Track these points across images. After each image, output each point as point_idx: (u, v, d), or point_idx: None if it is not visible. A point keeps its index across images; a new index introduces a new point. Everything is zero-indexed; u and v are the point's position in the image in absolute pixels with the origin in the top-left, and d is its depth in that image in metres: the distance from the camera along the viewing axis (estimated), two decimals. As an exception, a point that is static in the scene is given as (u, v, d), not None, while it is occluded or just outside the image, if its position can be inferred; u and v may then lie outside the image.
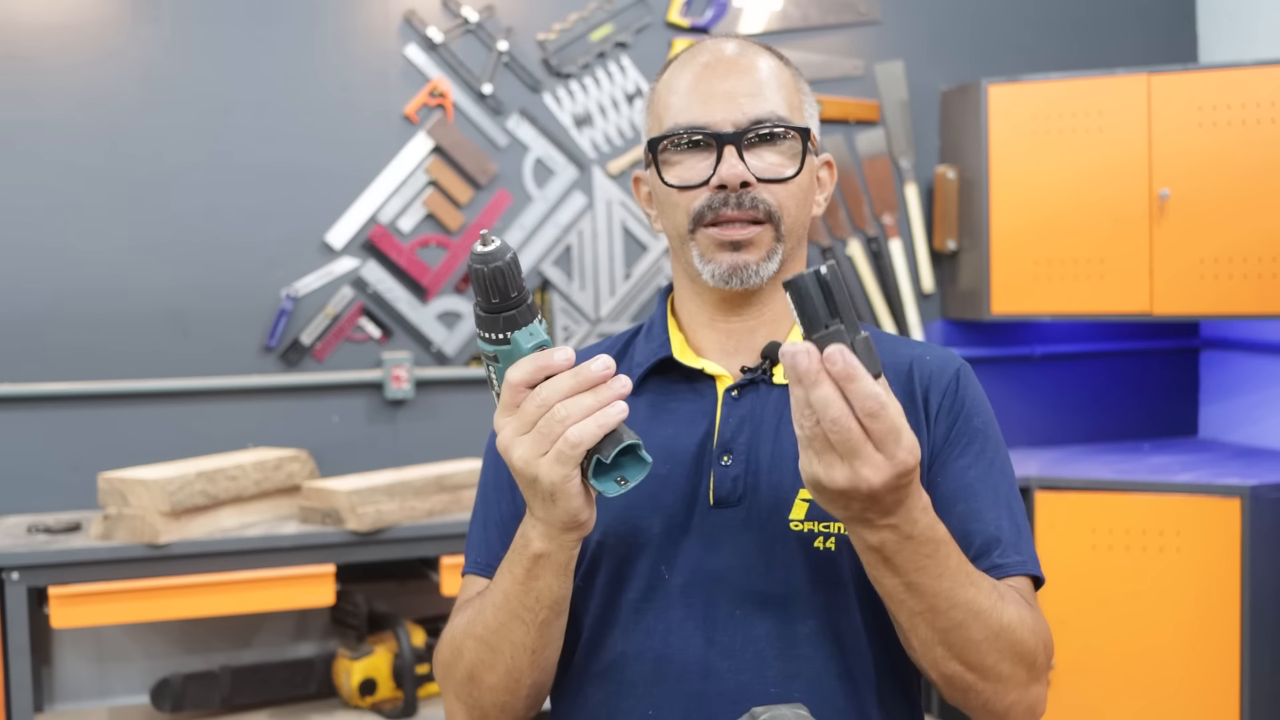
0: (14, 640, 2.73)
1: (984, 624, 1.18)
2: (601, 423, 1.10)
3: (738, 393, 1.33)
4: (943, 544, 1.15)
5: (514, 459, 1.13)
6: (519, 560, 1.20)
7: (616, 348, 1.44)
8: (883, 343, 1.39)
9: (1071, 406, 3.94)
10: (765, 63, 1.35)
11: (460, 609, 1.34)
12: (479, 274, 1.11)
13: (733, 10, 3.64)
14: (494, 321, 1.13)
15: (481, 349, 1.16)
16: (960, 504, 1.29)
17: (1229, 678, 3.14)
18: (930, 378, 1.35)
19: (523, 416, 1.12)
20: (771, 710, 1.11)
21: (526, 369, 1.12)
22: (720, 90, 1.31)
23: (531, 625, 1.22)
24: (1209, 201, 3.39)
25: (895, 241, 3.79)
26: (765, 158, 1.31)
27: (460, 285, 3.45)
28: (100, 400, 3.20)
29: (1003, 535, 1.29)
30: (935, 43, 3.82)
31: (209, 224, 3.27)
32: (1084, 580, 3.28)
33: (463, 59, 3.43)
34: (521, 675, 1.25)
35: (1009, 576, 1.28)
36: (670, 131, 1.32)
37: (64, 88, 3.17)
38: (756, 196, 1.30)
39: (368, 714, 3.04)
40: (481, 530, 1.38)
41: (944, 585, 1.16)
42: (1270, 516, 3.13)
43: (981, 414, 1.35)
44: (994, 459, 1.33)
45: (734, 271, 1.31)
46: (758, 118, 1.31)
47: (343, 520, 2.92)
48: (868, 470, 1.05)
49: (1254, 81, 3.34)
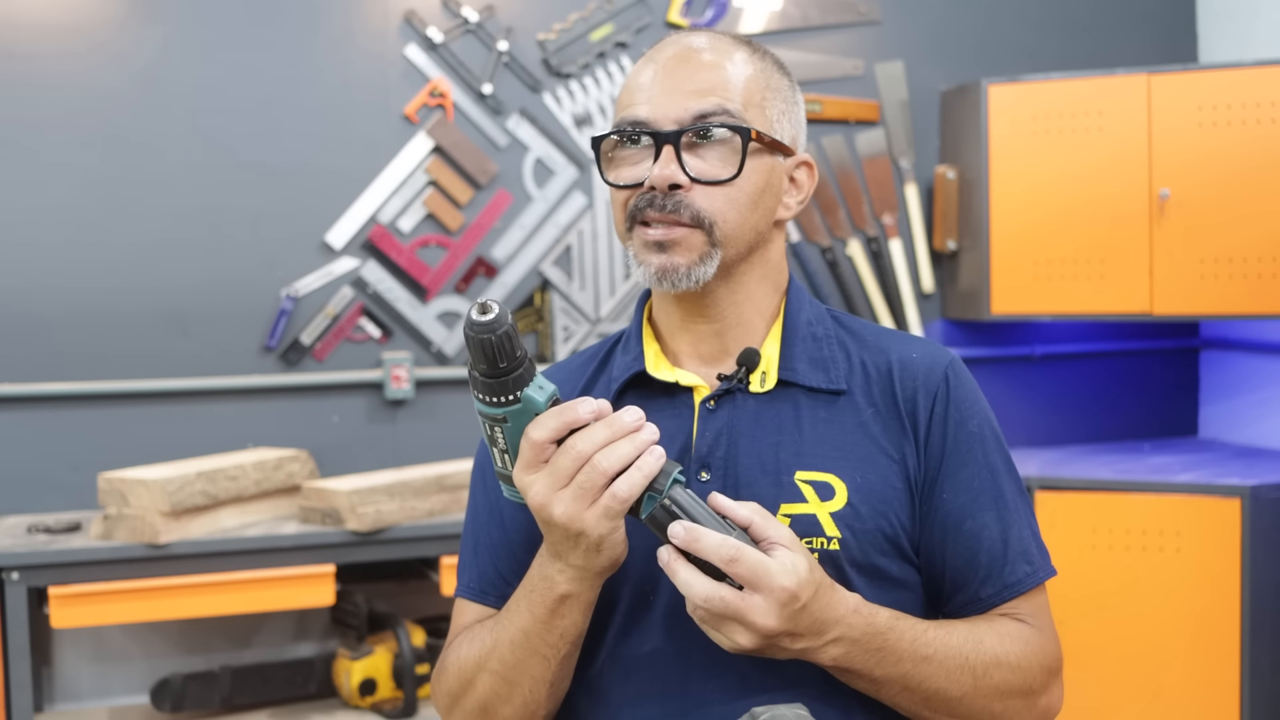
0: (14, 640, 2.73)
1: (960, 680, 1.21)
2: (645, 472, 1.12)
3: (714, 403, 1.30)
4: (888, 632, 1.19)
5: (555, 515, 1.12)
6: (541, 601, 1.20)
7: (596, 360, 1.41)
8: (866, 339, 1.36)
9: (1071, 406, 3.94)
10: (732, 58, 1.29)
11: (462, 638, 1.32)
12: (485, 343, 1.08)
13: (733, 10, 3.64)
14: (502, 385, 1.11)
15: (483, 413, 1.14)
16: (967, 521, 1.28)
17: (1229, 678, 3.14)
18: (916, 384, 1.30)
19: (557, 472, 1.12)
20: (771, 710, 1.11)
21: (551, 426, 1.12)
22: (674, 85, 1.27)
23: (553, 660, 1.23)
24: (1209, 201, 3.39)
25: (895, 241, 3.79)
26: (706, 157, 1.26)
27: (460, 285, 3.45)
28: (100, 400, 3.20)
29: (1009, 548, 1.29)
30: (935, 43, 3.82)
31: (209, 224, 3.27)
32: (1084, 580, 3.28)
33: (463, 59, 3.43)
34: (538, 708, 1.26)
35: (1020, 595, 1.28)
36: (615, 127, 1.29)
37: (64, 87, 3.17)
38: (682, 200, 1.25)
39: (368, 714, 3.04)
40: (472, 554, 1.37)
41: (905, 667, 1.19)
42: (1270, 516, 3.13)
43: (976, 415, 1.32)
44: (993, 461, 1.31)
45: (663, 273, 1.26)
46: (702, 112, 1.25)
47: (343, 520, 2.92)
48: (757, 617, 1.11)
49: (1254, 81, 3.34)
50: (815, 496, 1.26)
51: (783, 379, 1.31)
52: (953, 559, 1.28)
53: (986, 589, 1.28)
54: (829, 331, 1.35)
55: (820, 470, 1.26)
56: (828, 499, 1.25)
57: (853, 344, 1.35)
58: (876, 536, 1.26)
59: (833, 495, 1.26)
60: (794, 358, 1.31)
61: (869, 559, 1.25)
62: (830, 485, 1.26)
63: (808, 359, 1.32)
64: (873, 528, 1.25)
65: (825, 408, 1.29)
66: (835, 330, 1.36)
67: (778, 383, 1.31)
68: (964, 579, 1.29)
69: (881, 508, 1.26)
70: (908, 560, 1.29)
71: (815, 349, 1.33)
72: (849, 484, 1.26)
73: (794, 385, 1.31)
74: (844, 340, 1.35)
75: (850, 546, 1.25)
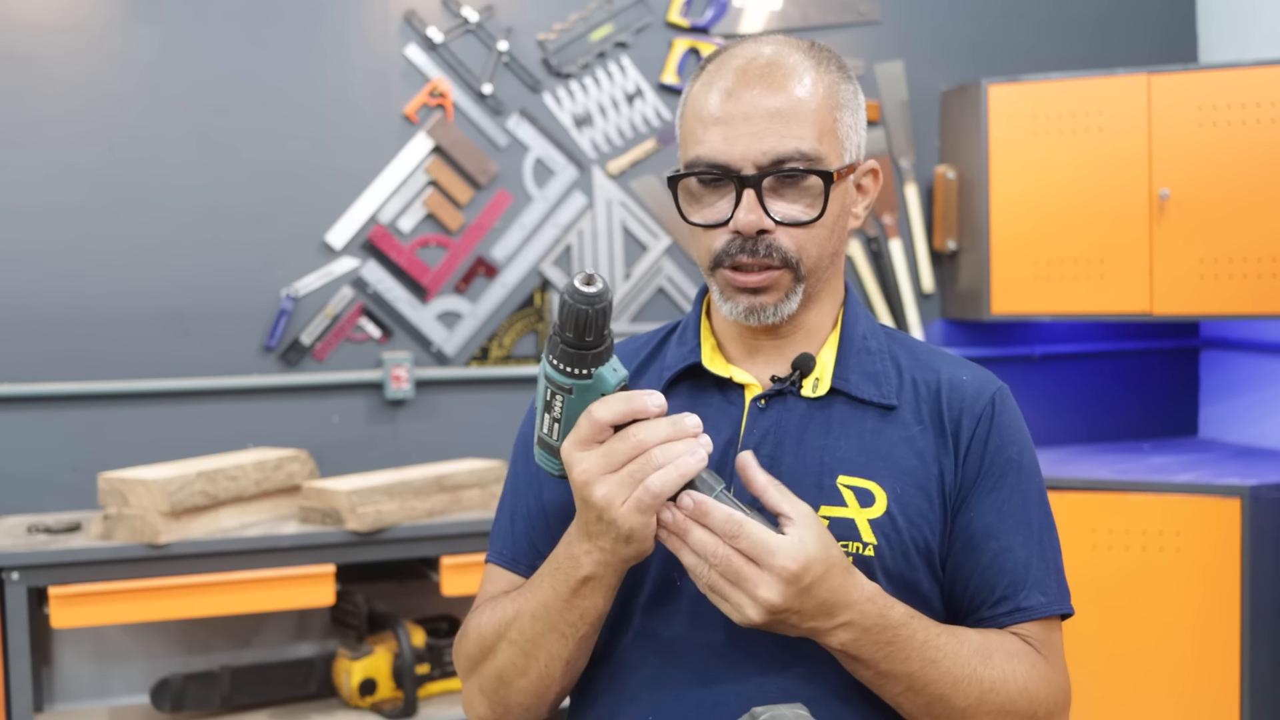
0: (14, 640, 2.74)
1: (965, 692, 1.22)
2: (683, 472, 1.13)
3: (765, 403, 1.32)
4: (900, 628, 1.20)
5: (595, 496, 1.14)
6: (564, 580, 1.21)
7: (650, 347, 1.42)
8: (918, 356, 1.37)
9: (1071, 406, 3.94)
10: (801, 79, 1.28)
11: (487, 604, 1.34)
12: (581, 314, 1.10)
13: (733, 10, 3.64)
14: (581, 358, 1.13)
15: (551, 378, 1.15)
16: (992, 541, 1.30)
17: (1229, 678, 3.14)
18: (963, 405, 1.33)
19: (610, 456, 1.14)
20: (771, 710, 1.11)
21: (618, 409, 1.14)
22: (744, 113, 1.26)
23: (571, 639, 1.24)
24: (1209, 201, 3.39)
25: (895, 241, 3.79)
26: (788, 197, 1.28)
27: (460, 285, 3.45)
28: (100, 400, 3.20)
29: (1030, 575, 1.30)
30: (935, 43, 3.82)
31: (209, 224, 3.27)
32: (1084, 580, 3.28)
33: (463, 59, 3.43)
34: (553, 683, 1.27)
35: (1029, 621, 1.29)
36: (691, 165, 1.29)
37: (64, 88, 3.17)
38: (773, 244, 1.27)
39: (368, 714, 3.04)
40: (509, 522, 1.39)
41: (912, 666, 1.20)
42: (1270, 516, 3.13)
43: (1017, 442, 1.34)
44: (1027, 489, 1.33)
45: (751, 311, 1.29)
46: (780, 156, 1.25)
47: (343, 520, 2.92)
48: (762, 590, 1.13)
49: (1254, 81, 3.34)
50: (855, 502, 1.27)
51: (835, 387, 1.32)
52: (973, 577, 1.30)
53: (1000, 609, 1.29)
54: (882, 346, 1.37)
55: (863, 477, 1.28)
56: (868, 505, 1.27)
57: (905, 360, 1.37)
58: (910, 549, 1.27)
59: (873, 502, 1.27)
60: (848, 368, 1.33)
61: (901, 570, 1.27)
62: (871, 492, 1.28)
63: (862, 371, 1.34)
64: (908, 539, 1.27)
65: (874, 419, 1.31)
66: (889, 345, 1.38)
67: (830, 390, 1.33)
68: (982, 598, 1.30)
69: (918, 521, 1.28)
70: (935, 577, 1.30)
71: (870, 362, 1.35)
72: (890, 494, 1.28)
73: (845, 395, 1.32)
74: (896, 355, 1.37)
75: (885, 555, 1.26)
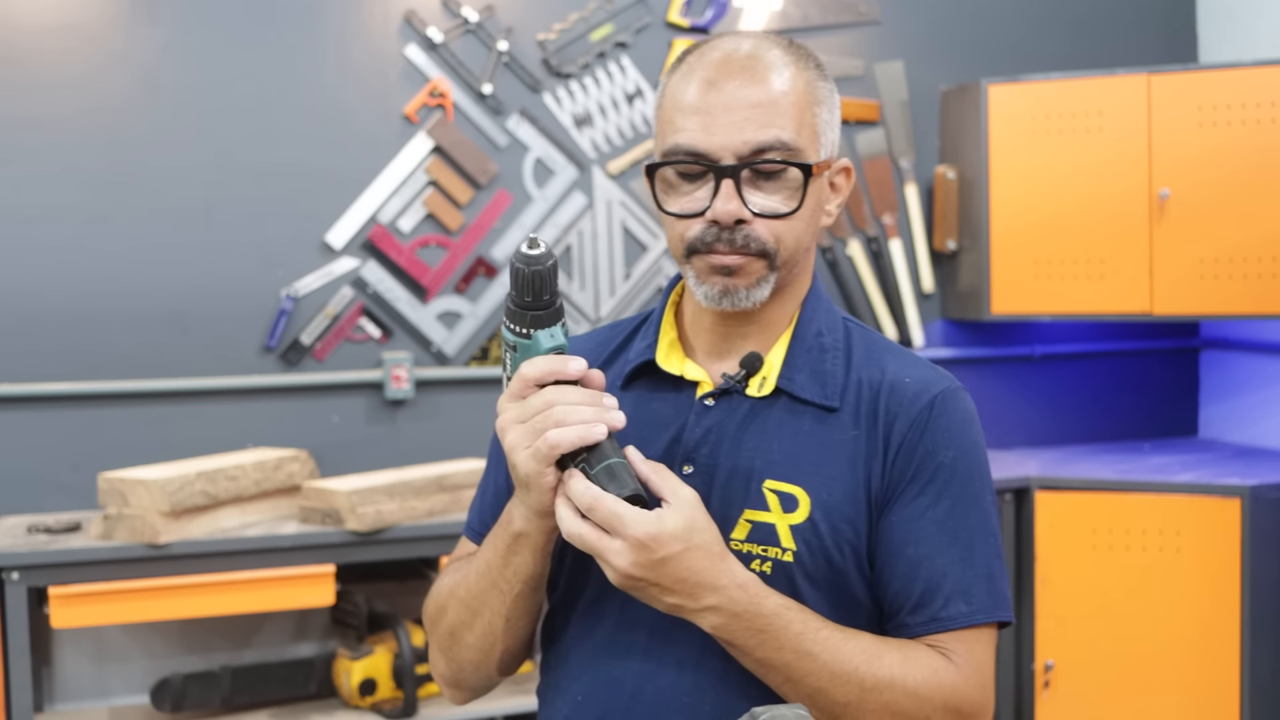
0: (14, 640, 2.73)
1: (845, 687, 1.22)
2: (582, 435, 1.18)
3: (712, 401, 1.33)
4: (774, 617, 1.20)
5: (505, 441, 1.22)
6: (501, 536, 1.28)
7: (618, 339, 1.44)
8: (871, 354, 1.36)
9: (1071, 406, 3.94)
10: (781, 72, 1.29)
11: (450, 568, 1.41)
12: (519, 272, 1.20)
13: (733, 10, 3.64)
14: (522, 317, 1.22)
15: (503, 335, 1.25)
16: (909, 548, 1.28)
17: (1229, 678, 3.14)
18: (900, 408, 1.30)
19: (524, 407, 1.22)
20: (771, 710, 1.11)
21: (541, 368, 1.22)
22: (725, 103, 1.26)
23: (508, 595, 1.30)
24: (1209, 201, 3.39)
25: (895, 241, 3.79)
26: (766, 189, 1.28)
27: (460, 285, 3.45)
28: (100, 400, 3.20)
29: (946, 584, 1.26)
30: (935, 43, 3.82)
31: (209, 224, 3.27)
32: (1084, 580, 3.28)
33: (463, 59, 3.43)
34: (495, 639, 1.34)
35: (945, 631, 1.26)
36: (669, 154, 1.29)
37: (64, 88, 3.17)
38: (750, 234, 1.27)
39: (368, 714, 3.04)
40: (480, 498, 1.46)
41: (787, 657, 1.21)
42: (1270, 516, 3.13)
43: (955, 447, 1.30)
44: (959, 497, 1.29)
45: (726, 293, 1.29)
46: (760, 146, 1.26)
47: (343, 520, 2.92)
48: (612, 558, 1.18)
49: (1254, 81, 3.34)
50: (779, 506, 1.28)
51: (780, 387, 1.32)
52: (892, 583, 1.28)
53: (916, 617, 1.27)
54: (838, 342, 1.36)
55: (789, 482, 1.28)
56: (790, 511, 1.27)
57: (858, 357, 1.35)
58: (834, 554, 1.27)
59: (796, 508, 1.27)
60: (795, 367, 1.33)
61: (824, 575, 1.27)
62: (795, 498, 1.28)
63: (809, 370, 1.33)
64: (831, 545, 1.27)
65: (814, 421, 1.31)
66: (846, 340, 1.36)
67: (774, 390, 1.32)
68: (899, 604, 1.28)
69: (843, 526, 1.27)
70: (867, 580, 1.29)
71: (819, 360, 1.34)
72: (814, 499, 1.27)
73: (789, 395, 1.32)
74: (851, 352, 1.36)
75: (804, 560, 1.26)
